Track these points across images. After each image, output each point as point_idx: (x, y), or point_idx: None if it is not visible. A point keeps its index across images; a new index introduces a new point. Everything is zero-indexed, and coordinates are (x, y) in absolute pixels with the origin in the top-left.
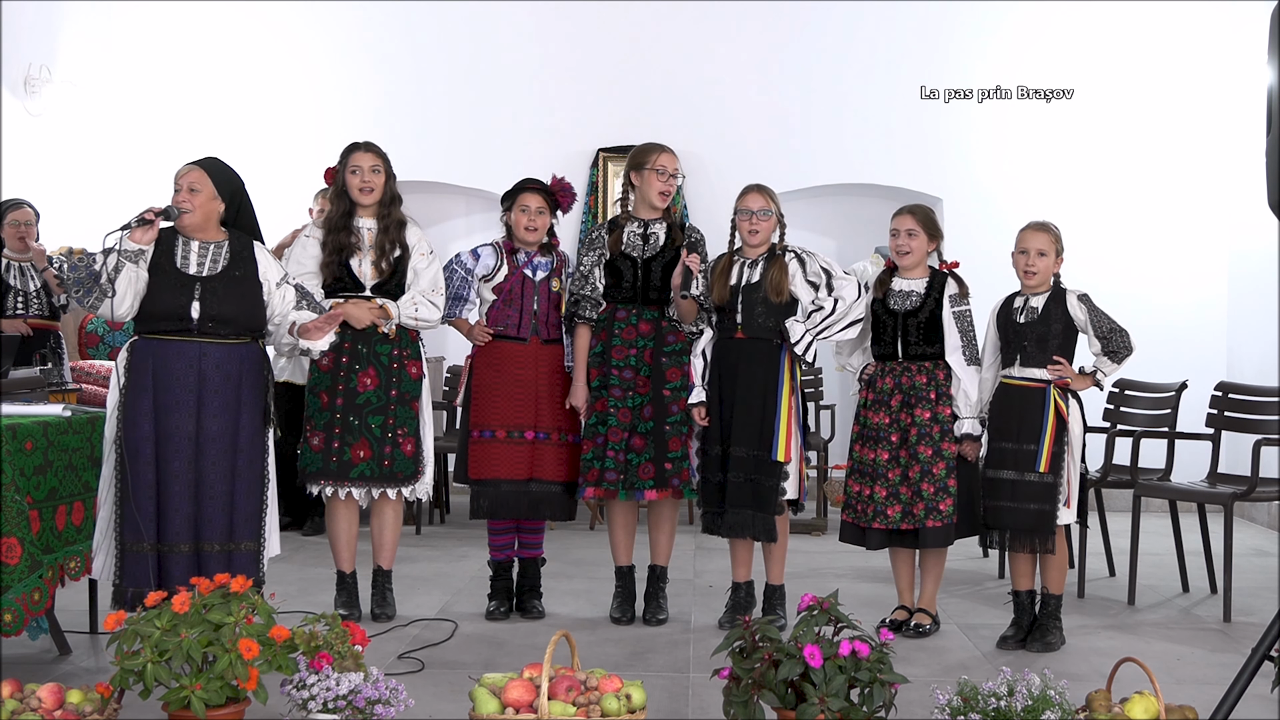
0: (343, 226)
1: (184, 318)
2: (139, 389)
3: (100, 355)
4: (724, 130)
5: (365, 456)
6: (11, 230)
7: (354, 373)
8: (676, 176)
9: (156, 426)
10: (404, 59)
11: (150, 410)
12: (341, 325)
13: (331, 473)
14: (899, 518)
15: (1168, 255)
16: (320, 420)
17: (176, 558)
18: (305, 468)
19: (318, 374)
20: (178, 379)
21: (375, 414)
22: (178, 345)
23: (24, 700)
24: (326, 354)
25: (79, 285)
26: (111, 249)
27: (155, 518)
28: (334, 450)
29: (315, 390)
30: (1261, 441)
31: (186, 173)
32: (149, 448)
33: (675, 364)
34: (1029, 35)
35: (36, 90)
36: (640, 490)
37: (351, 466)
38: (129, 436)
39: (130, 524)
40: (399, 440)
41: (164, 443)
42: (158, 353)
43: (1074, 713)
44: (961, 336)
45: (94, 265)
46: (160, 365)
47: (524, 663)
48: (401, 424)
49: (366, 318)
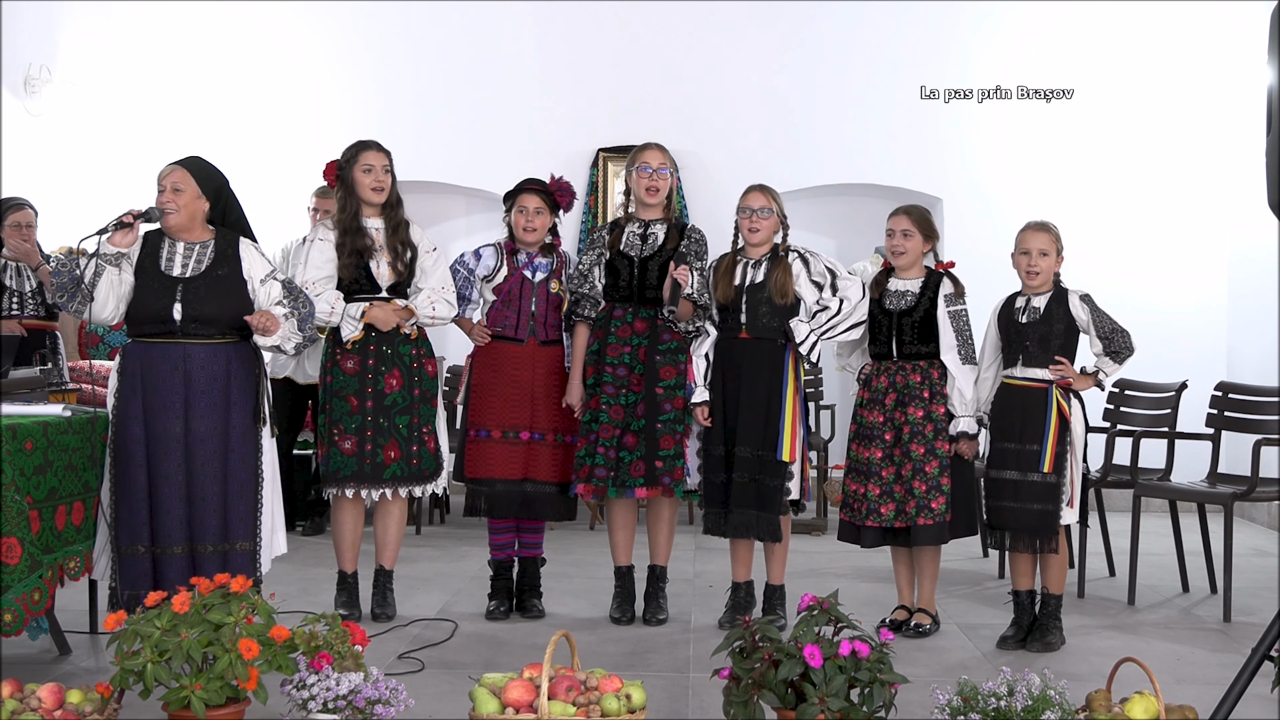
0: (357, 228)
1: (166, 320)
2: (129, 392)
3: (100, 355)
4: (724, 130)
5: (396, 457)
6: (13, 231)
7: (380, 374)
8: (664, 170)
9: (146, 429)
10: (404, 59)
11: (140, 413)
12: (366, 328)
13: (366, 475)
14: (892, 516)
15: (1168, 255)
16: (351, 424)
17: (171, 560)
18: (336, 471)
19: (343, 377)
20: (164, 381)
21: (402, 414)
22: (163, 347)
23: (24, 700)
24: (352, 356)
25: (61, 290)
26: (92, 253)
27: (149, 520)
28: (367, 453)
29: (342, 394)
30: (1261, 441)
31: (169, 173)
32: (140, 450)
33: (670, 362)
34: (1029, 35)
35: (36, 90)
36: (630, 488)
37: (384, 468)
38: (120, 439)
39: (125, 527)
40: (424, 438)
41: (154, 445)
42: (145, 356)
43: (1074, 713)
44: (956, 336)
45: (76, 269)
46: (147, 368)
47: (524, 663)
48: (425, 422)
49: (392, 319)
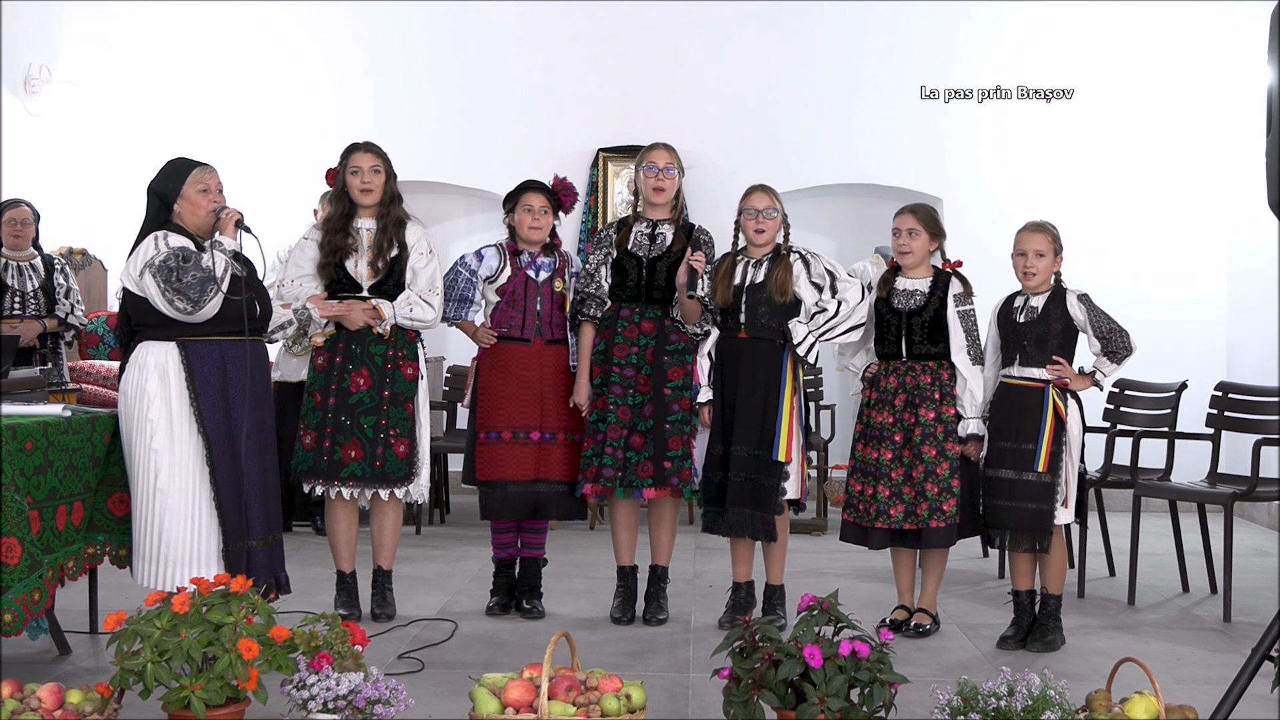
0: (340, 228)
1: (241, 319)
2: (213, 390)
3: (100, 355)
4: (724, 130)
5: (357, 456)
6: (9, 229)
7: (347, 373)
8: (670, 170)
9: (230, 423)
10: (404, 59)
11: (225, 408)
12: (336, 326)
13: (322, 471)
14: (902, 518)
15: (1168, 255)
16: (313, 419)
17: (255, 553)
18: (297, 466)
19: (314, 373)
20: (235, 379)
21: (368, 414)
22: (235, 346)
23: (24, 700)
24: (322, 353)
25: (200, 284)
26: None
27: (246, 514)
28: (325, 449)
29: (310, 389)
30: (1261, 441)
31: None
32: (231, 445)
33: (677, 363)
34: (1029, 36)
35: (36, 90)
36: (638, 488)
37: (342, 466)
38: (215, 436)
39: (233, 523)
40: (391, 441)
41: (241, 440)
42: (223, 354)
43: (1074, 713)
44: (966, 336)
45: (208, 269)
46: (231, 365)
47: (524, 663)
48: (394, 425)
49: (360, 319)
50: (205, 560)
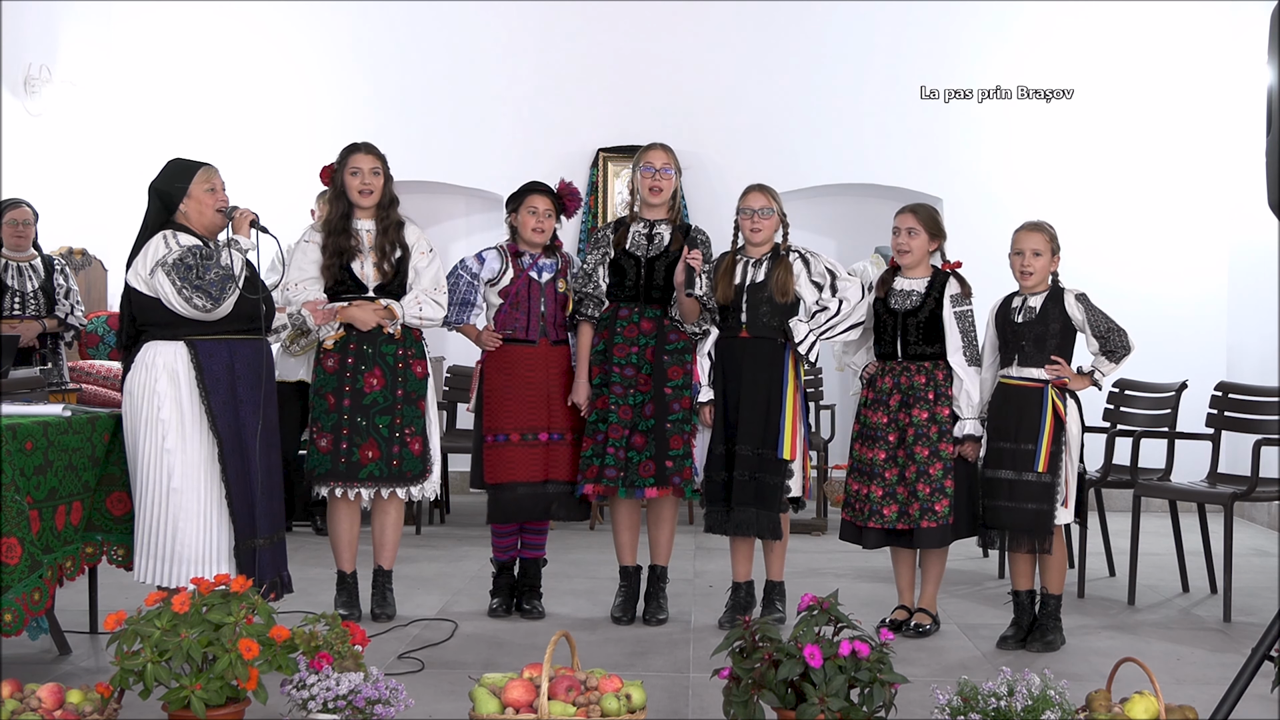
0: (342, 229)
1: (256, 317)
2: (222, 388)
3: (100, 355)
4: (724, 130)
5: (374, 457)
6: (9, 229)
7: (360, 373)
8: (667, 170)
9: (241, 422)
10: (402, 58)
11: (235, 406)
12: (346, 327)
13: (340, 474)
14: (894, 518)
15: (1168, 254)
16: (327, 422)
17: (261, 552)
18: (313, 469)
19: (324, 375)
20: (246, 377)
21: (382, 414)
22: (246, 345)
23: (24, 700)
24: (332, 355)
25: (221, 282)
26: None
27: (253, 512)
28: (342, 451)
29: (321, 392)
30: (1261, 441)
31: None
32: (242, 443)
33: (677, 362)
34: (1029, 36)
35: (36, 90)
36: (640, 488)
37: (360, 467)
38: (227, 434)
39: (243, 521)
40: (407, 440)
41: (250, 438)
42: (233, 352)
43: (1074, 713)
44: (963, 337)
45: (227, 266)
46: (241, 364)
47: (524, 663)
48: (409, 423)
49: (372, 319)
50: (217, 559)
